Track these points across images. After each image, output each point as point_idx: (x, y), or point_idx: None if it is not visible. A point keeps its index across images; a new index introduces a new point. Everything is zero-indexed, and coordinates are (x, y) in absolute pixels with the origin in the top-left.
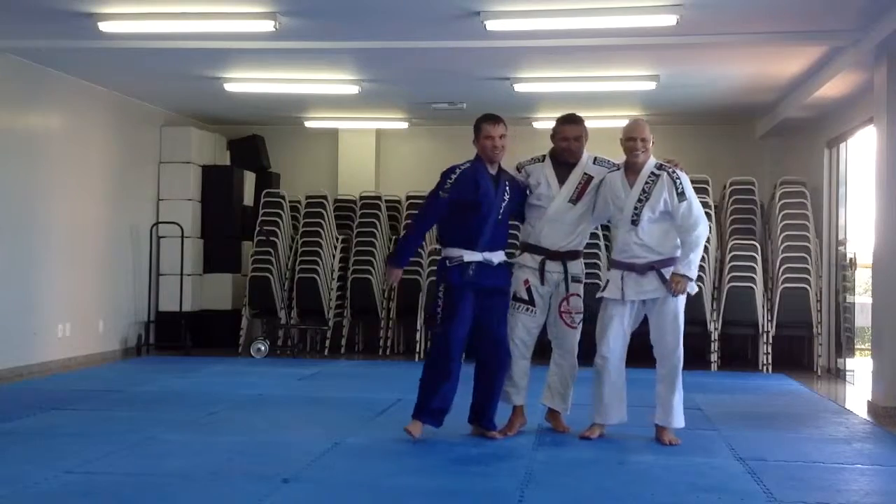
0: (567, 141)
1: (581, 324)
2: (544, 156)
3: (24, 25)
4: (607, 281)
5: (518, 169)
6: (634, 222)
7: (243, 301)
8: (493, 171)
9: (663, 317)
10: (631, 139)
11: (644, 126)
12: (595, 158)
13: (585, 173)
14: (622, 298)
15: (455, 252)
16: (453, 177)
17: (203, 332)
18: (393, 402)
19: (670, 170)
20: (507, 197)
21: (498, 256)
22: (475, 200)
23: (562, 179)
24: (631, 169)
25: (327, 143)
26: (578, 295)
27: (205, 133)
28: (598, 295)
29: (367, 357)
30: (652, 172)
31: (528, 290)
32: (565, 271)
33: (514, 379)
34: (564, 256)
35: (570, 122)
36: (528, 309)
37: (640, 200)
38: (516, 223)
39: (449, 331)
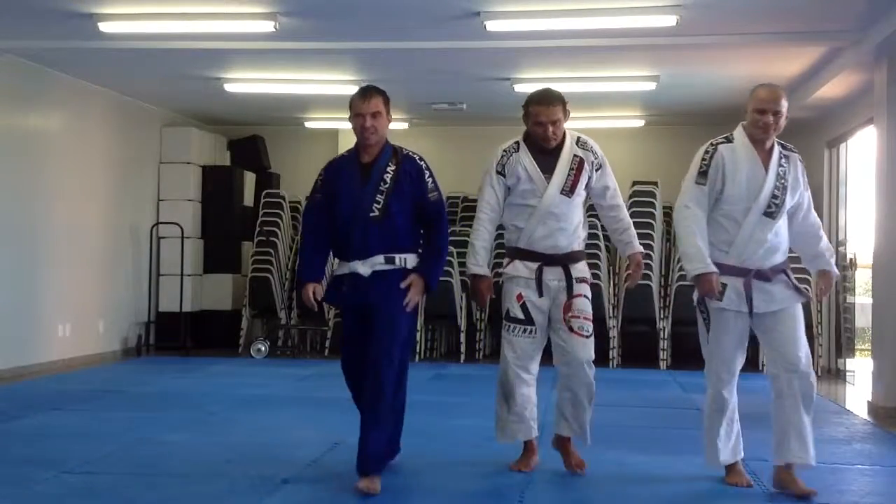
0: (542, 126)
1: (592, 333)
2: (517, 143)
3: (24, 25)
4: (723, 287)
5: (497, 171)
6: (772, 214)
7: (243, 301)
8: (367, 157)
9: (794, 325)
10: (762, 111)
11: (782, 95)
12: (578, 139)
13: (575, 156)
14: (749, 311)
15: (338, 264)
16: (324, 173)
17: (203, 332)
18: None
19: (793, 148)
20: (384, 188)
21: (372, 265)
22: (336, 197)
23: (546, 168)
24: (760, 145)
25: (327, 144)
26: (586, 296)
27: (205, 133)
28: (716, 306)
29: None
30: (781, 152)
31: (524, 307)
32: (567, 276)
33: (515, 410)
34: (565, 260)
35: (545, 103)
36: (525, 330)
37: (778, 186)
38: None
39: (342, 360)
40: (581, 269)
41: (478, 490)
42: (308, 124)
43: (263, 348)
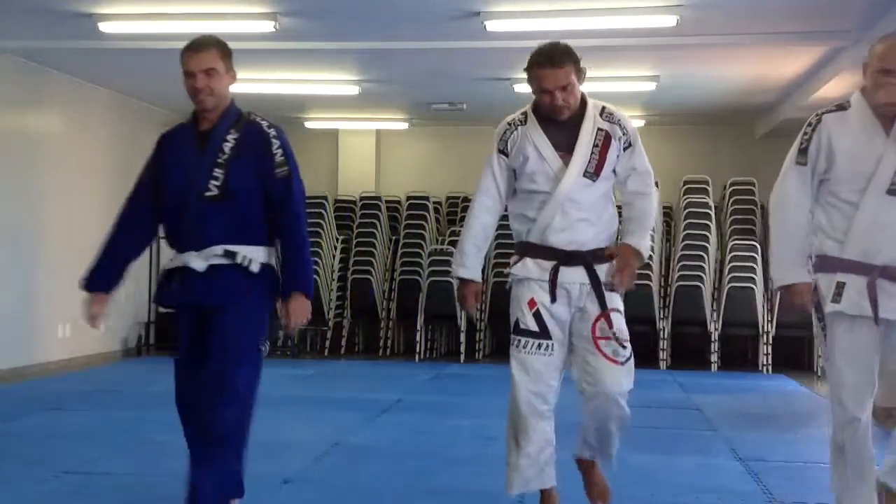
0: (549, 95)
1: (632, 357)
2: (524, 114)
3: (24, 25)
4: (840, 287)
5: (499, 149)
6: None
7: None
8: (206, 124)
9: None
10: (886, 71)
11: None
12: (603, 109)
13: (600, 129)
14: (875, 318)
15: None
16: (155, 146)
17: None
18: (393, 402)
19: None
20: (223, 160)
21: (208, 257)
22: (166, 172)
23: (562, 144)
24: (882, 114)
25: (327, 144)
26: (620, 311)
27: None
28: (829, 310)
29: (367, 357)
30: None
31: (538, 316)
32: (594, 280)
33: (528, 451)
34: (589, 258)
35: (549, 64)
36: (540, 346)
37: None
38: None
39: (175, 376)
40: (610, 271)
41: (478, 490)
42: (308, 124)
43: (263, 348)
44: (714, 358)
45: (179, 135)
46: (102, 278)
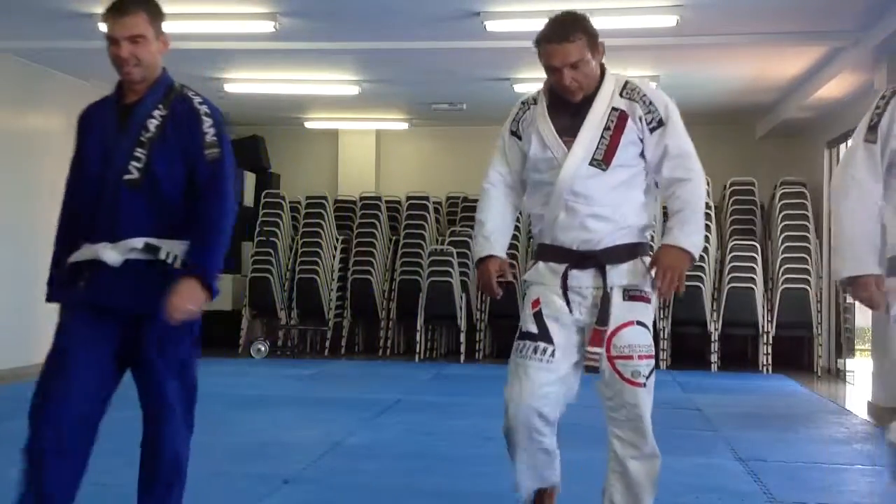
0: (557, 73)
1: (653, 375)
2: (538, 93)
3: (24, 25)
4: None
5: (511, 130)
6: None
7: (243, 301)
8: (132, 96)
9: None
10: None
11: None
12: (626, 84)
13: (614, 108)
14: None
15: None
16: (78, 123)
17: (203, 332)
18: (393, 402)
19: None
20: (147, 139)
21: (125, 251)
22: (81, 154)
23: (567, 129)
24: None
25: (327, 144)
26: (642, 324)
27: None
28: None
29: (367, 357)
30: None
31: (538, 316)
32: (605, 283)
33: (520, 469)
34: (602, 258)
35: (557, 38)
36: (536, 349)
37: None
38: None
39: (36, 398)
40: (632, 273)
41: (478, 490)
42: (308, 124)
43: (263, 348)
44: (714, 358)
45: (101, 109)
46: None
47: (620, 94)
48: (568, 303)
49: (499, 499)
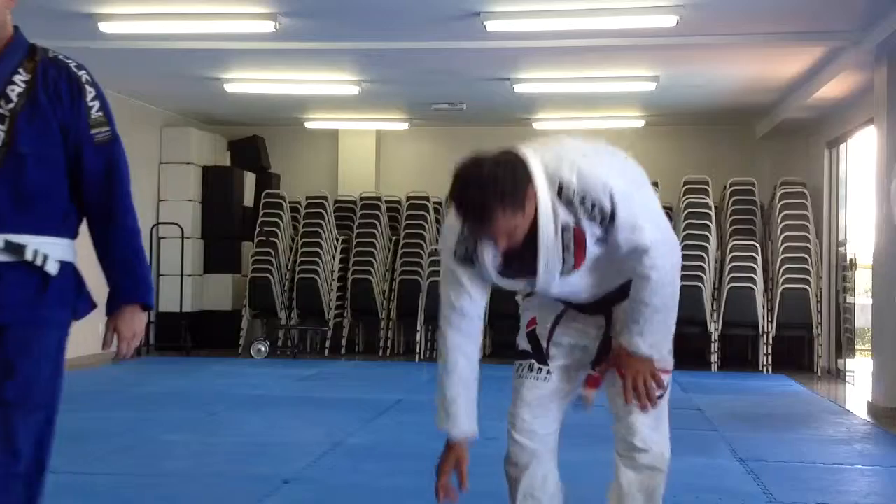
0: (492, 242)
1: (667, 391)
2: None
3: (25, 25)
4: None
5: (461, 259)
6: None
7: (243, 301)
8: None
9: None
10: None
11: None
12: (560, 189)
13: (565, 230)
14: None
15: None
16: None
17: (203, 332)
18: (393, 402)
19: None
20: (6, 110)
21: None
22: None
23: (520, 266)
24: None
25: (327, 144)
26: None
27: (205, 134)
28: None
29: (367, 357)
30: None
31: (532, 336)
32: (609, 325)
33: (518, 498)
34: (603, 307)
35: (479, 224)
36: (532, 367)
37: None
38: None
39: None
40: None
41: (478, 490)
42: (308, 124)
43: (263, 348)
44: (714, 358)
45: None
46: None
47: (560, 203)
48: (561, 318)
49: (499, 499)
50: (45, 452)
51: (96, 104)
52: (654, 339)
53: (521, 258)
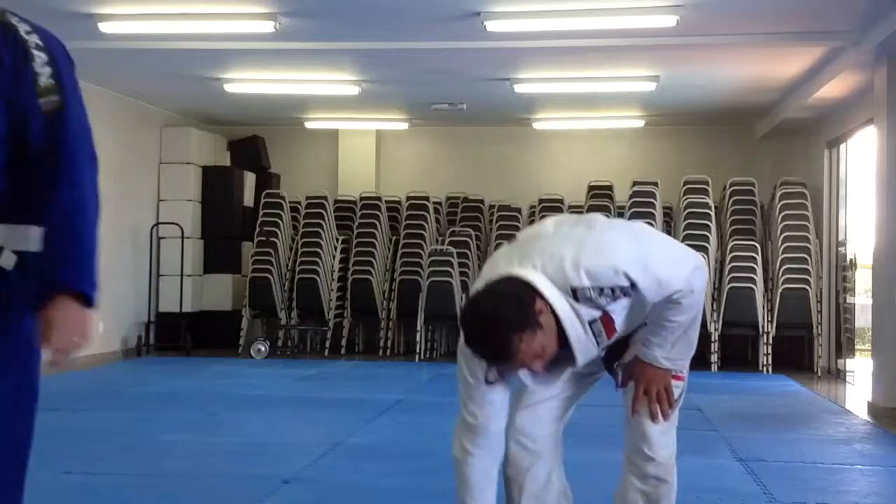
0: (530, 370)
1: (681, 400)
2: None
3: None
4: None
5: (489, 381)
6: None
7: (243, 302)
8: None
9: None
10: None
11: None
12: (574, 293)
13: (591, 323)
14: None
15: None
16: None
17: (203, 332)
18: (393, 402)
19: None
20: None
21: None
22: None
23: (554, 370)
24: None
25: (327, 144)
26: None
27: (205, 134)
28: None
29: (367, 358)
30: None
31: None
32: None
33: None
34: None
35: (501, 360)
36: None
37: None
38: None
39: None
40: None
41: None
42: (308, 124)
43: (263, 348)
44: (714, 358)
45: None
46: None
47: (577, 302)
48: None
49: (499, 499)
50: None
51: (47, 70)
52: (675, 352)
53: (557, 357)
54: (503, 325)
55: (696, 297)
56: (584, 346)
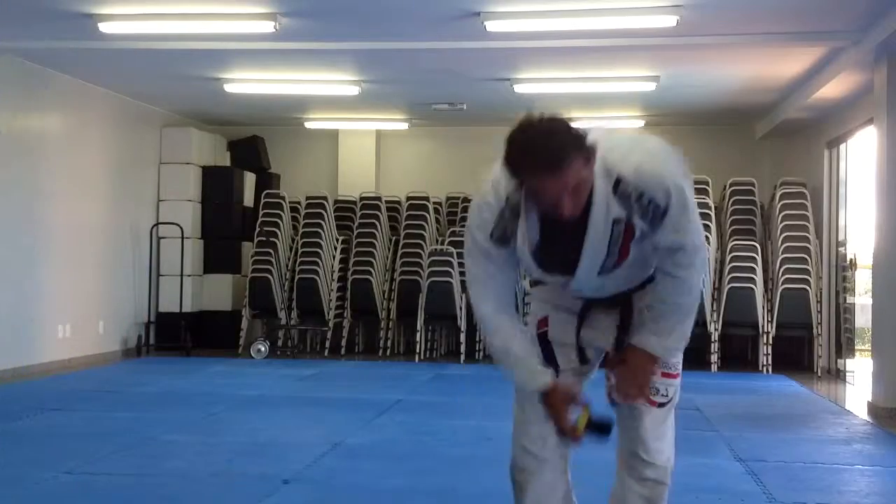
0: (553, 203)
1: (678, 394)
2: (506, 199)
3: (24, 26)
4: None
5: (492, 238)
6: None
7: (243, 302)
8: None
9: None
10: None
11: None
12: (618, 183)
13: (616, 221)
14: None
15: None
16: None
17: (203, 332)
18: (393, 402)
19: None
20: None
21: None
22: None
23: (562, 262)
24: None
25: (327, 144)
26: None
27: (205, 134)
28: None
29: (367, 358)
30: None
31: (544, 339)
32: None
33: None
34: (621, 302)
35: (549, 172)
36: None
37: None
38: None
39: None
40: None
41: (478, 490)
42: (308, 124)
43: (263, 348)
44: (714, 358)
45: None
46: None
47: (614, 193)
48: (581, 323)
49: (499, 499)
50: None
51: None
52: (669, 341)
53: (564, 247)
54: (561, 136)
55: (695, 278)
56: (597, 247)
